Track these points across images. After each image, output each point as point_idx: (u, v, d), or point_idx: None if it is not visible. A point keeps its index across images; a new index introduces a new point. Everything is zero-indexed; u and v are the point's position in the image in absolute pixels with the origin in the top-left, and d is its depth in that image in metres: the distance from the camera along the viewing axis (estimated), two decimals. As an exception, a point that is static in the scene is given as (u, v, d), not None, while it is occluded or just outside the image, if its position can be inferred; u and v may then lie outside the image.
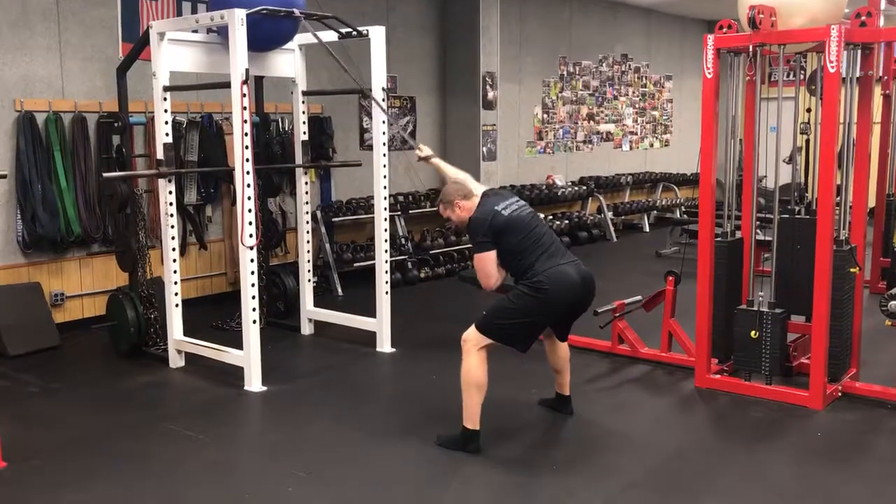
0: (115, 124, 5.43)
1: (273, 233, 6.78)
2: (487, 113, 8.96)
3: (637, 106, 12.21)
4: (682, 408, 4.67)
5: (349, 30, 5.47)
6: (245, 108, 4.69)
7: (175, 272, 5.33)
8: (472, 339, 3.93)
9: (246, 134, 4.70)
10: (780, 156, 5.25)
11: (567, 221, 10.07)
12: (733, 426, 4.33)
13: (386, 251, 5.69)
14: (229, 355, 5.04)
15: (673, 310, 5.33)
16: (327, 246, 7.65)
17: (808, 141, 6.10)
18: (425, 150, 4.90)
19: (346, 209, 7.89)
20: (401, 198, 8.45)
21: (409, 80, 8.73)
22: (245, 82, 4.67)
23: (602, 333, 5.53)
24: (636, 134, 12.28)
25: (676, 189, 12.64)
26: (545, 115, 10.54)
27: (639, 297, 5.66)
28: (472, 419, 3.94)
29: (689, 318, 5.30)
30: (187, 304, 6.30)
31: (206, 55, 5.39)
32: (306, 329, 6.21)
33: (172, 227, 5.31)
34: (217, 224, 7.14)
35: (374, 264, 7.76)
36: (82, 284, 6.28)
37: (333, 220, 7.74)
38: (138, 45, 5.38)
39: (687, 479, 3.68)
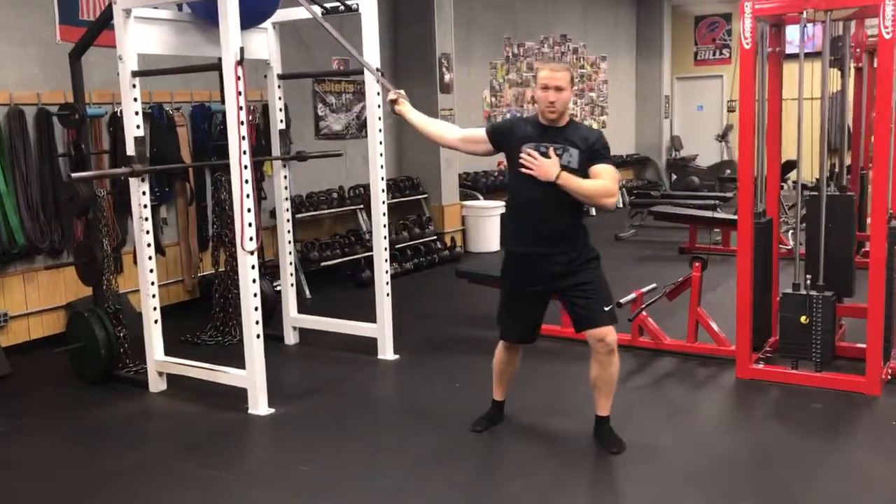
0: (73, 116, 4.70)
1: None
2: (445, 97, 8.50)
3: (577, 87, 11.98)
4: (737, 403, 4.37)
5: (337, 4, 4.92)
6: (240, 93, 4.09)
7: (153, 283, 4.68)
8: (615, 337, 3.60)
9: (242, 122, 4.11)
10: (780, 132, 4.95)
11: (522, 208, 9.71)
12: (802, 421, 4.05)
13: (385, 249, 5.18)
14: (229, 375, 4.44)
15: (699, 297, 5.03)
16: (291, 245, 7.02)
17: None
18: (401, 95, 4.02)
19: (308, 204, 7.29)
20: (361, 190, 7.91)
21: (358, 65, 8.14)
22: (240, 63, 4.08)
23: (622, 326, 5.19)
24: (576, 116, 12.05)
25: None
26: (493, 99, 10.16)
27: (654, 285, 5.36)
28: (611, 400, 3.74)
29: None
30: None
31: (177, 36, 4.73)
32: (291, 338, 5.64)
33: (147, 232, 4.64)
34: (172, 226, 6.43)
35: (340, 262, 7.33)
36: (28, 302, 5.49)
37: (296, 216, 7.13)
38: (97, 24, 4.68)
39: (790, 487, 3.36)
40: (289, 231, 5.59)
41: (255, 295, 4.28)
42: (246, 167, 4.14)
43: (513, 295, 3.72)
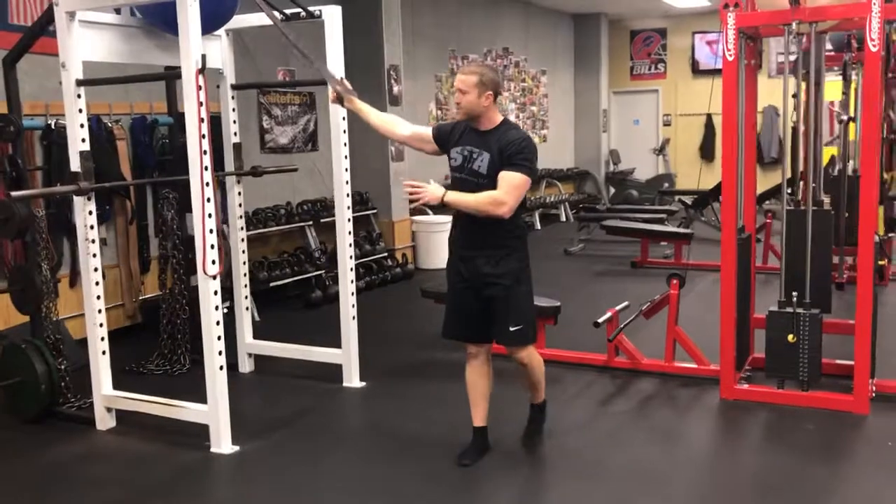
0: (9, 129, 4.28)
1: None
2: (394, 109, 8.24)
3: (518, 101, 11.88)
4: (728, 426, 4.22)
5: (298, 10, 4.62)
6: (202, 104, 3.76)
7: (100, 311, 4.28)
8: (529, 349, 3.70)
9: (203, 136, 3.78)
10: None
11: (470, 223, 9.47)
12: (799, 444, 3.91)
13: (351, 269, 4.89)
14: (188, 411, 4.08)
15: (677, 316, 4.89)
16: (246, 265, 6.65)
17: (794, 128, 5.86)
18: (346, 89, 4.00)
19: (255, 221, 6.93)
20: (308, 205, 7.58)
21: (307, 74, 7.84)
22: (201, 71, 3.75)
23: (598, 346, 5.04)
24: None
25: (560, 185, 12.47)
26: (439, 112, 9.96)
27: (626, 303, 5.21)
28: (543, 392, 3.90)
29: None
30: (83, 345, 5.28)
31: (125, 42, 4.37)
32: (245, 366, 5.28)
33: (94, 255, 4.25)
34: (111, 247, 5.99)
35: (289, 282, 6.98)
36: (-48, 333, 5.00)
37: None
38: (34, 28, 4.28)
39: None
40: (243, 251, 5.25)
41: (218, 323, 3.95)
42: (208, 184, 3.81)
43: (450, 291, 3.75)
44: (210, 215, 3.82)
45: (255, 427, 4.26)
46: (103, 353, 4.29)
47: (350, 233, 4.88)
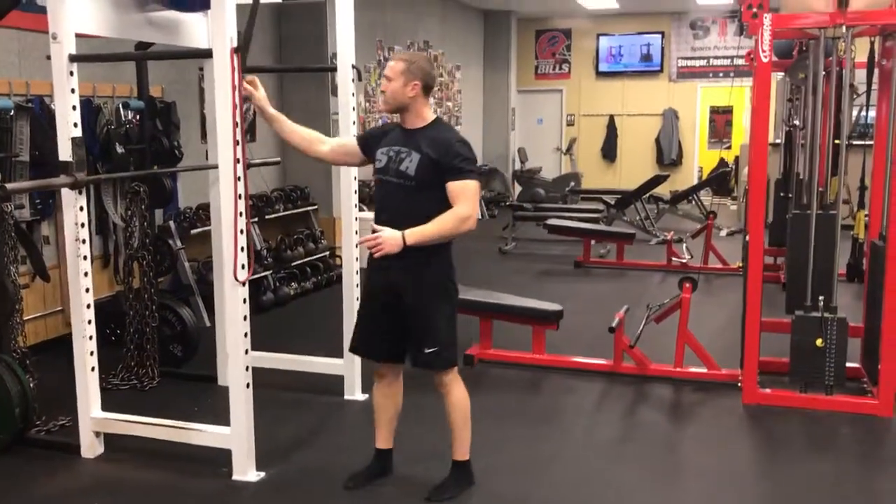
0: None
1: (166, 253, 5.19)
2: (336, 100, 7.78)
3: (436, 96, 11.63)
4: (767, 434, 4.14)
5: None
6: (236, 88, 3.32)
7: (90, 322, 3.73)
8: (450, 374, 3.31)
9: (237, 124, 3.35)
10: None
11: (402, 220, 9.16)
12: (849, 450, 3.92)
13: (357, 272, 4.52)
14: (205, 434, 3.61)
15: (688, 320, 4.81)
16: (187, 265, 6.10)
17: (788, 132, 5.93)
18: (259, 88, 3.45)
19: (204, 218, 6.36)
20: (253, 201, 7.05)
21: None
22: (237, 51, 3.31)
23: (580, 349, 4.96)
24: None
25: (475, 182, 12.31)
26: (367, 104, 9.57)
27: (627, 307, 5.09)
28: (467, 449, 3.42)
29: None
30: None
31: (115, 14, 3.83)
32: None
33: (85, 257, 3.69)
34: (53, 245, 5.32)
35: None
36: None
37: (192, 231, 6.19)
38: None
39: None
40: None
41: (246, 335, 3.51)
42: (239, 179, 3.37)
43: (362, 302, 3.52)
44: (241, 213, 3.38)
45: (269, 449, 3.80)
46: (92, 369, 3.74)
47: (357, 233, 4.51)
